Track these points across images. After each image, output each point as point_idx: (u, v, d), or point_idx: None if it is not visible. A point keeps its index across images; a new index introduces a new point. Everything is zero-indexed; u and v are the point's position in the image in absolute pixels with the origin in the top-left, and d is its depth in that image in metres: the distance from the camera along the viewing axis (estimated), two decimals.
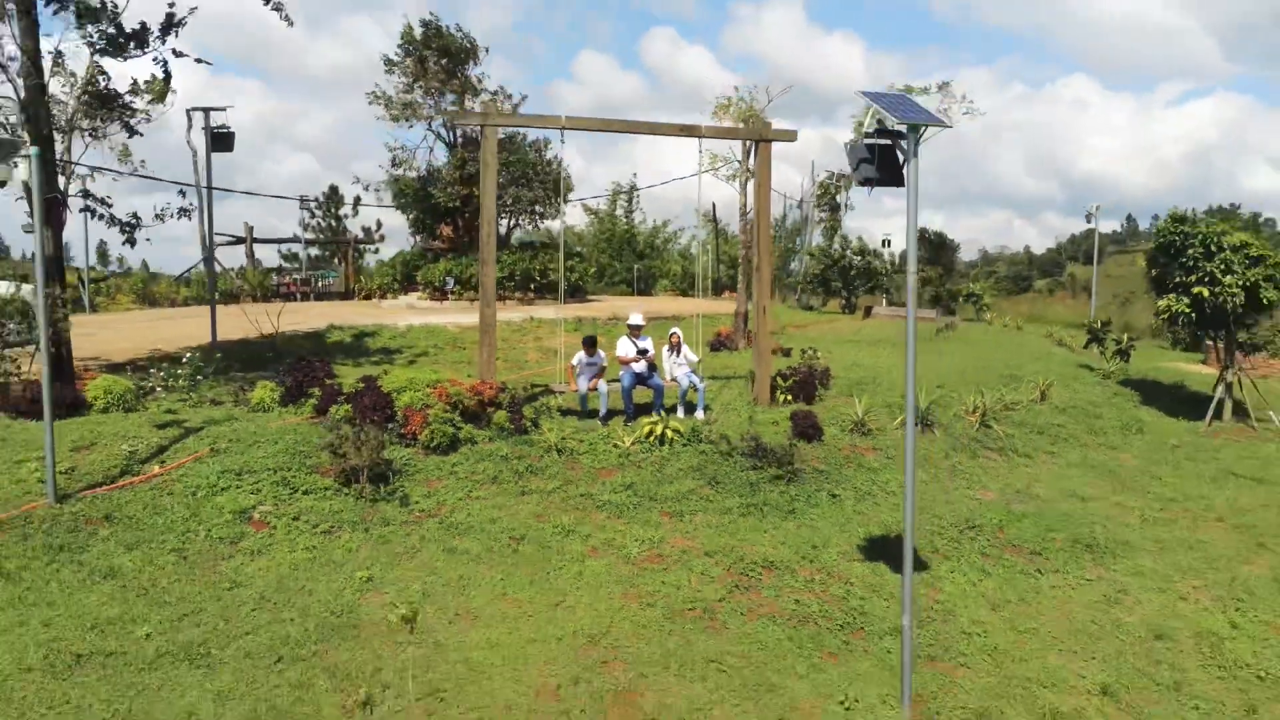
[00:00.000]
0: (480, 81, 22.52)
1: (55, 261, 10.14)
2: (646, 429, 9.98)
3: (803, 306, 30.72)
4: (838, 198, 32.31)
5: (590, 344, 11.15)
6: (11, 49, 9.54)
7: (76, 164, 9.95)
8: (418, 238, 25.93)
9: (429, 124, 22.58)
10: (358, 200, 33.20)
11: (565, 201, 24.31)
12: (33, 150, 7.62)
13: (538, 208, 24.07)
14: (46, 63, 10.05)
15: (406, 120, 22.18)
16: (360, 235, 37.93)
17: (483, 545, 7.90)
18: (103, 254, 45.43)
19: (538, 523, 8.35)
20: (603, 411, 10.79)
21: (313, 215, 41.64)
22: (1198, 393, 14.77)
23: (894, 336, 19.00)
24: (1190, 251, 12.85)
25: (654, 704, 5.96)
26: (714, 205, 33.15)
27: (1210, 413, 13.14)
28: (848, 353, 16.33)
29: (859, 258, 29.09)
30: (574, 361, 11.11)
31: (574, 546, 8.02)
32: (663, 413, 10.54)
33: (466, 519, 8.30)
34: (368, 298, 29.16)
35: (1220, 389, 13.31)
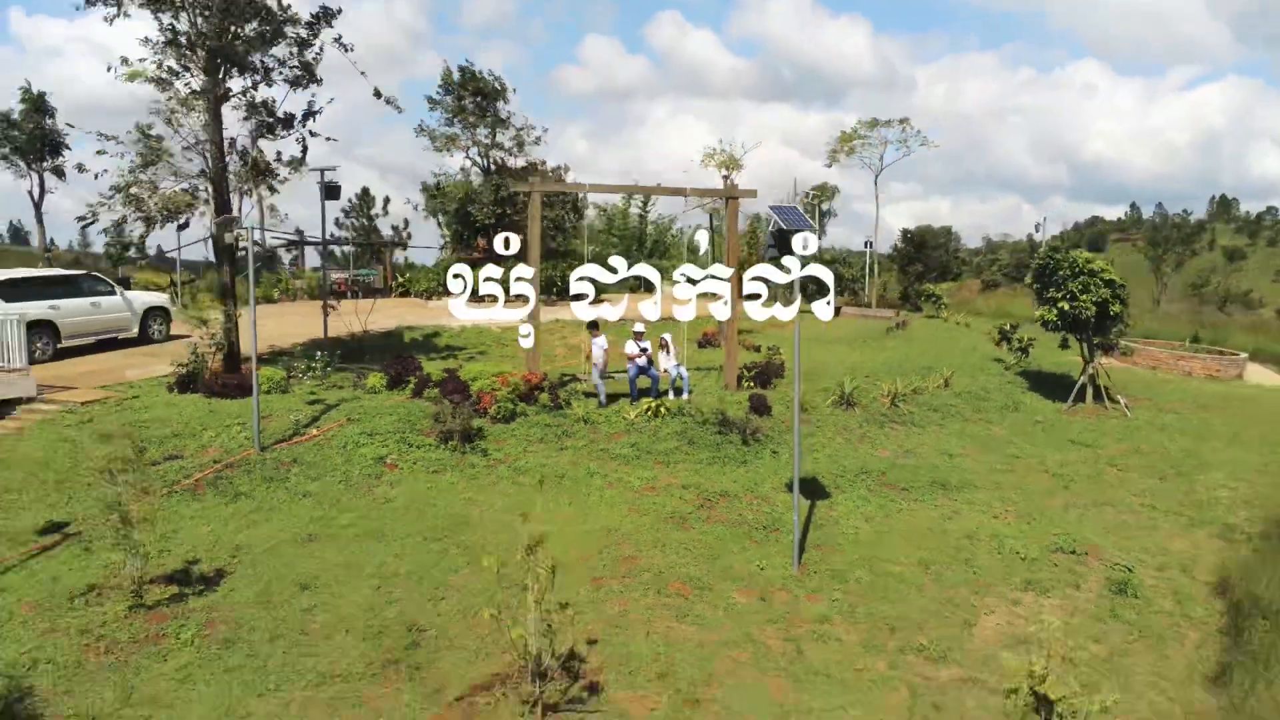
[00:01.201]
0: (509, 117, 26.68)
1: (230, 287, 14.32)
2: (645, 406, 14.19)
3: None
4: (822, 206, 36.42)
5: (594, 327, 15.20)
6: (204, 141, 13.70)
7: (253, 228, 14.06)
8: (453, 247, 30.10)
9: (466, 153, 26.75)
10: (387, 200, 37.44)
11: (581, 218, 28.37)
12: (248, 223, 11.82)
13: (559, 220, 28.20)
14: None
15: (448, 150, 26.37)
16: (391, 234, 42.15)
17: (538, 480, 12.15)
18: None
19: (572, 467, 12.59)
20: (603, 398, 14.91)
21: (348, 215, 45.92)
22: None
23: (851, 335, 23.17)
24: (1059, 273, 16.95)
25: (646, 564, 10.18)
26: (711, 215, 37.17)
27: (1072, 397, 17.28)
28: (808, 349, 20.17)
29: (832, 265, 33.24)
30: (593, 342, 15.22)
31: (596, 482, 12.25)
32: (657, 395, 14.76)
33: (525, 464, 12.55)
34: (404, 295, 33.20)
35: (1083, 378, 17.42)
